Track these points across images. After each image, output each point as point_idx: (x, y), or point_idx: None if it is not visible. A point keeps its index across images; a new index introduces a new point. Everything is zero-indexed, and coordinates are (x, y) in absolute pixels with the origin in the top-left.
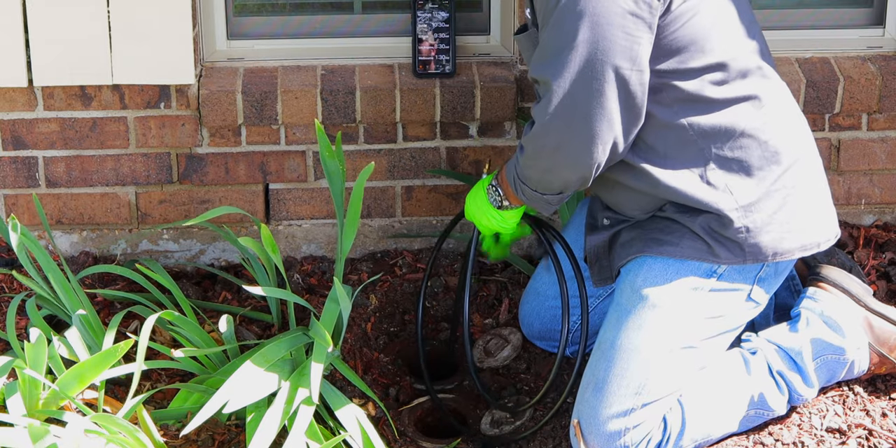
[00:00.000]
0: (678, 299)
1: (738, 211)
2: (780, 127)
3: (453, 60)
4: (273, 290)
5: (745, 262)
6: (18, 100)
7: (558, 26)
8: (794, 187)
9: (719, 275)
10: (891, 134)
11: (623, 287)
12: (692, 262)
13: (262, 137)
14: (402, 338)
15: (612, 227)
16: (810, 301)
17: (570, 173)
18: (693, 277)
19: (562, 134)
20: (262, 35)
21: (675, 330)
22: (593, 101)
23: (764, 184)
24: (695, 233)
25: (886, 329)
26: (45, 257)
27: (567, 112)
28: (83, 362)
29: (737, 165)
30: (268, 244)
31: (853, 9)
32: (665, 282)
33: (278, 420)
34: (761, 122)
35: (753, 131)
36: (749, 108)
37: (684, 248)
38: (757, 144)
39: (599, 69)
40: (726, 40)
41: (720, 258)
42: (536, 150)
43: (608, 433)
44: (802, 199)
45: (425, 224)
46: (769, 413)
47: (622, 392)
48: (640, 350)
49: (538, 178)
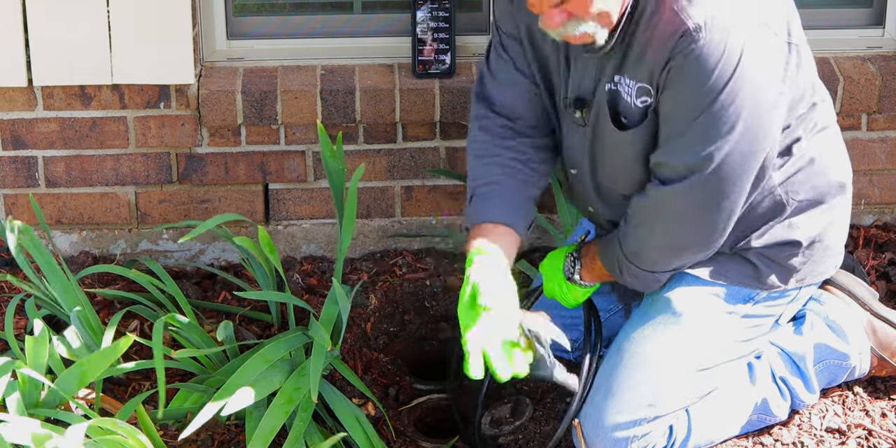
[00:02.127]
0: (711, 321)
1: (805, 242)
2: (838, 155)
3: (453, 60)
4: (270, 293)
5: (786, 287)
6: (18, 99)
7: (712, 118)
8: (840, 211)
9: (756, 301)
10: (890, 134)
11: (655, 297)
12: (734, 286)
13: (262, 137)
14: (402, 338)
15: None
16: (816, 304)
17: (699, 254)
18: (730, 302)
19: (698, 221)
20: (261, 35)
21: (700, 350)
22: (738, 183)
23: (828, 215)
24: (746, 259)
25: (890, 333)
26: (44, 257)
27: (711, 197)
28: (82, 361)
29: (806, 204)
30: (265, 245)
31: (853, 9)
32: (701, 302)
33: (278, 420)
34: (830, 153)
35: (823, 167)
36: (821, 139)
37: (730, 271)
38: (825, 180)
39: (751, 156)
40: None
41: (764, 284)
42: (664, 233)
43: (614, 439)
44: (843, 223)
45: (425, 224)
46: (771, 418)
47: (634, 402)
48: (662, 364)
49: (657, 258)
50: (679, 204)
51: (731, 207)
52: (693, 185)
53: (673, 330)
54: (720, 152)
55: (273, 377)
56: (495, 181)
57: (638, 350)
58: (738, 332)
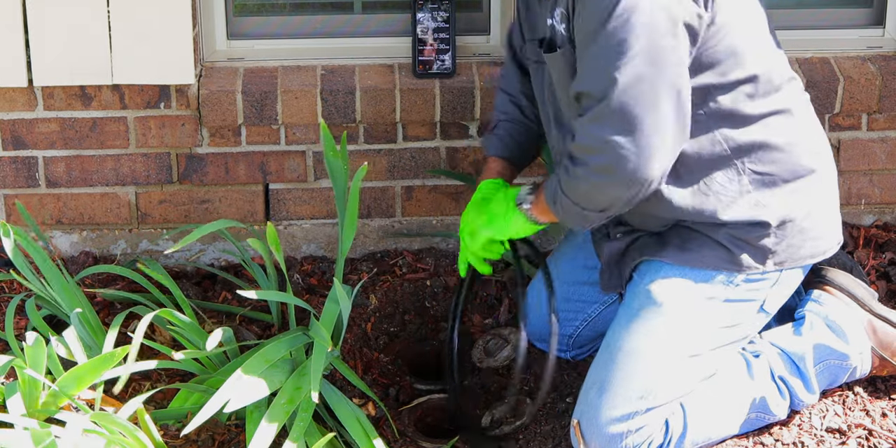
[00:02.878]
0: (692, 308)
1: (774, 222)
2: (808, 138)
3: (453, 60)
4: (270, 293)
5: (764, 268)
6: (18, 100)
7: (608, 39)
8: (816, 197)
9: (736, 285)
10: (891, 134)
11: (636, 291)
12: (710, 271)
13: (262, 137)
14: (402, 338)
15: (627, 235)
16: (815, 304)
17: (621, 191)
18: (709, 287)
19: (616, 149)
20: (262, 35)
21: (686, 338)
22: (649, 115)
23: (795, 196)
24: (717, 241)
25: (890, 333)
26: (43, 258)
27: (621, 126)
28: (82, 365)
29: (769, 179)
30: (272, 242)
31: (853, 9)
32: (680, 290)
33: (278, 420)
34: (793, 136)
35: (785, 145)
36: (781, 120)
37: (705, 256)
38: (787, 158)
39: (655, 81)
40: (760, 52)
41: (740, 266)
42: (587, 165)
43: (609, 435)
44: (821, 208)
45: (425, 224)
46: (770, 417)
47: (626, 395)
48: (648, 355)
49: (585, 191)
50: (596, 133)
51: (647, 142)
52: (604, 112)
53: (656, 321)
54: (623, 75)
55: (274, 377)
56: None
57: (625, 345)
58: (722, 317)
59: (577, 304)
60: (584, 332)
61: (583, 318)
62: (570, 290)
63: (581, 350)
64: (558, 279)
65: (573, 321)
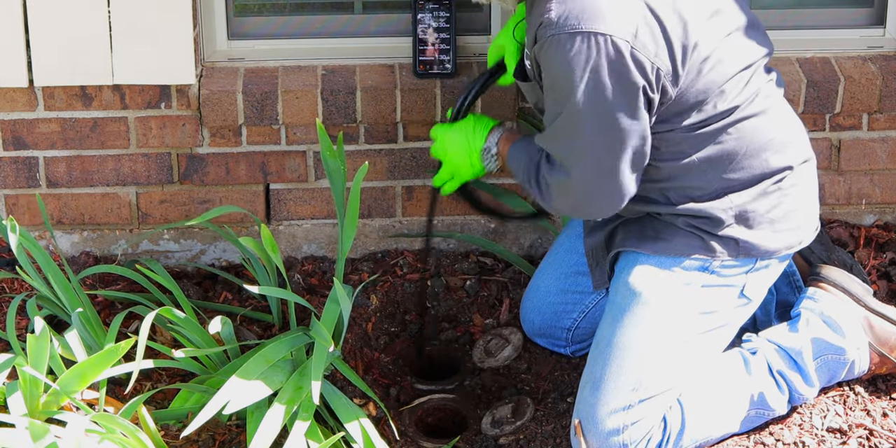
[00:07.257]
0: (670, 295)
1: (730, 210)
2: (779, 138)
3: (454, 60)
4: (273, 289)
5: (738, 256)
6: (19, 100)
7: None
8: (789, 189)
9: (711, 271)
10: (891, 134)
11: (617, 285)
12: (684, 258)
13: (263, 137)
14: (403, 338)
15: (606, 224)
16: (810, 301)
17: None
18: (685, 273)
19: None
20: (262, 35)
21: (668, 326)
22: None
23: (759, 187)
24: (684, 230)
25: (887, 329)
26: (45, 257)
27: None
28: (84, 361)
29: (738, 183)
30: (268, 244)
31: (853, 9)
32: (657, 278)
33: (279, 420)
34: (763, 139)
35: (755, 150)
36: (751, 124)
37: (678, 244)
38: (758, 162)
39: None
40: (738, 84)
41: (713, 252)
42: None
43: (606, 431)
44: (795, 201)
45: (426, 224)
46: (770, 413)
47: (619, 389)
48: (635, 346)
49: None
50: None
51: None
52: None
53: (638, 310)
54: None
55: (274, 377)
56: None
57: (612, 339)
58: (701, 302)
59: (574, 296)
60: (583, 325)
61: (580, 309)
62: (567, 280)
63: (581, 345)
64: (556, 269)
65: (571, 313)
